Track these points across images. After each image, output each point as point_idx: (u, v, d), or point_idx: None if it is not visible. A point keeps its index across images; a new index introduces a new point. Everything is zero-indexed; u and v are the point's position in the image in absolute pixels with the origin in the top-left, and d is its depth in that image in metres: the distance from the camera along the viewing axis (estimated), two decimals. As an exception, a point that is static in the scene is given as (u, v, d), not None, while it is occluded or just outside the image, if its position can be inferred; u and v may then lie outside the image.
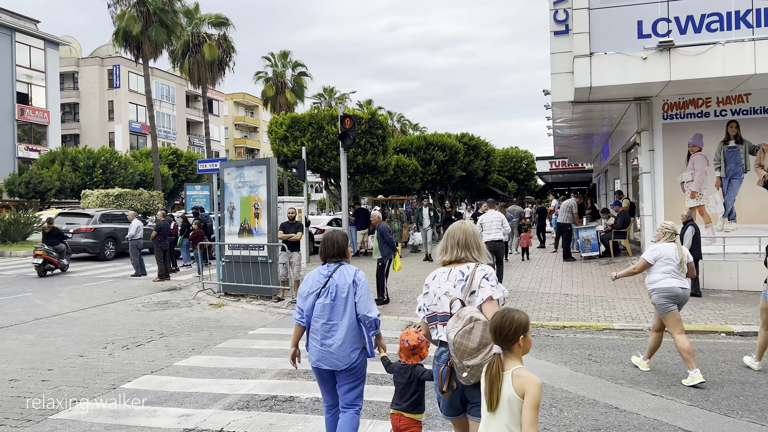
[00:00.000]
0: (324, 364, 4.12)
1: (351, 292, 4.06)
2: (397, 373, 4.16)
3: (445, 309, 3.41)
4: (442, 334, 3.39)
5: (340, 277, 4.11)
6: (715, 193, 13.66)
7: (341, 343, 4.04)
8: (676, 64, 12.17)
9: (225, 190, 12.11)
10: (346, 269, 4.16)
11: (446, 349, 3.32)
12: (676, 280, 6.56)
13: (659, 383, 6.27)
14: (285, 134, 18.49)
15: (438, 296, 3.47)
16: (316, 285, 4.17)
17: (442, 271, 3.56)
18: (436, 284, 3.52)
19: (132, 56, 33.65)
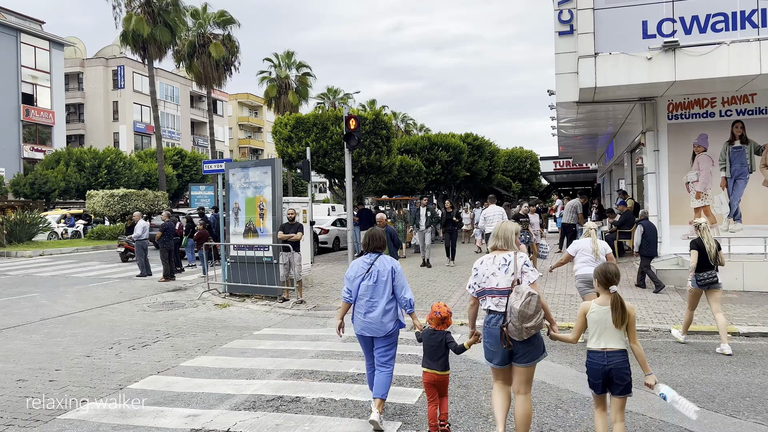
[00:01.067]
0: (366, 332, 5.25)
1: (389, 277, 5.16)
2: (428, 338, 5.00)
3: (492, 285, 4.48)
4: (490, 304, 4.48)
5: (381, 264, 5.22)
6: (721, 194, 13.64)
7: (380, 317, 5.13)
8: (681, 64, 12.15)
9: (230, 190, 12.14)
10: (385, 259, 5.28)
11: (494, 315, 4.45)
12: (590, 267, 7.60)
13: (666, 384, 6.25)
14: (289, 135, 18.51)
15: (486, 276, 4.53)
16: (361, 270, 5.26)
17: (488, 257, 4.61)
18: (484, 267, 4.58)
19: (138, 57, 33.75)
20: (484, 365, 7.06)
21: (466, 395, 5.95)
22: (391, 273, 5.18)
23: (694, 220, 8.68)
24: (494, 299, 4.46)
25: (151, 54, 32.37)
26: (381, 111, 19.02)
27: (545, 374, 6.69)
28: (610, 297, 4.30)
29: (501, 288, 4.45)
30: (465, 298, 11.34)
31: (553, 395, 5.94)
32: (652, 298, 11.02)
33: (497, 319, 4.41)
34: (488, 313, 4.52)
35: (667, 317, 9.48)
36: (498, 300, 4.44)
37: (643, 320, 9.27)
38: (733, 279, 11.75)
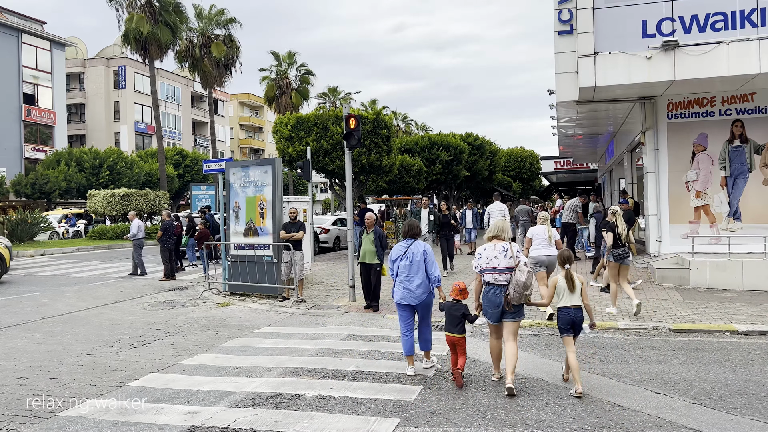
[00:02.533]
0: (404, 300, 6.59)
1: (422, 258, 6.55)
2: (450, 308, 6.39)
3: (494, 265, 6.07)
4: (489, 279, 6.08)
5: (415, 248, 6.64)
6: (720, 193, 13.66)
7: (415, 289, 6.53)
8: (680, 63, 12.18)
9: (230, 190, 12.17)
10: (419, 243, 6.70)
11: (492, 287, 6.06)
12: (542, 250, 9.50)
13: (663, 382, 6.28)
14: (290, 134, 18.55)
15: (489, 259, 6.11)
16: (399, 253, 6.67)
17: (489, 245, 6.22)
18: (488, 252, 6.16)
19: (139, 57, 33.81)
20: (481, 362, 7.09)
21: (464, 392, 5.97)
22: (423, 254, 6.59)
23: (610, 207, 10.44)
24: (494, 276, 6.07)
25: (152, 54, 32.41)
26: (381, 110, 19.07)
27: (542, 371, 6.71)
28: (565, 272, 6.17)
29: (501, 267, 6.06)
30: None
31: (551, 392, 5.96)
32: (651, 296, 11.03)
33: (494, 289, 6.07)
34: (486, 285, 6.14)
35: (666, 316, 9.49)
36: (497, 276, 6.06)
37: (642, 319, 9.28)
38: (733, 278, 11.78)
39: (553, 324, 9.12)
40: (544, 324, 9.13)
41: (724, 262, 12.00)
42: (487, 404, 5.61)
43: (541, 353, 7.55)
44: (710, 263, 11.97)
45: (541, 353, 7.55)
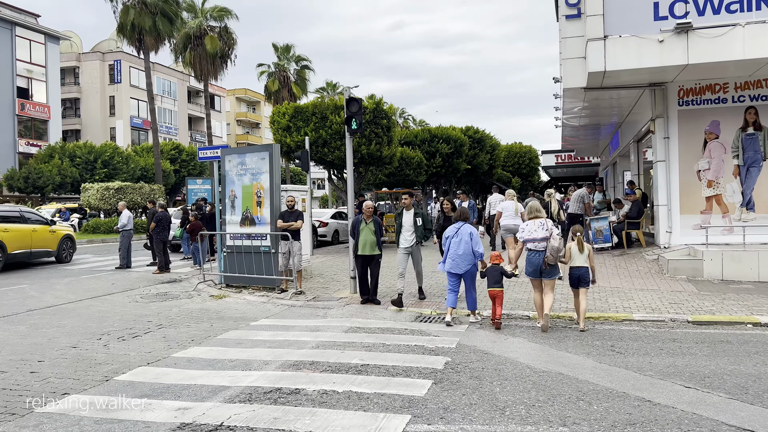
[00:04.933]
0: (454, 270, 8.20)
1: (469, 237, 8.18)
2: (490, 270, 8.30)
3: (535, 236, 7.92)
4: (530, 246, 7.95)
5: (464, 229, 8.27)
6: (733, 182, 13.22)
7: (462, 260, 8.15)
8: (694, 46, 11.72)
9: (226, 178, 11.68)
10: (467, 226, 8.34)
11: (533, 252, 7.94)
12: (510, 220, 11.99)
13: (691, 375, 5.84)
14: (288, 124, 18.04)
15: (530, 231, 8.00)
16: (452, 232, 8.32)
17: (531, 222, 8.11)
18: (530, 228, 8.05)
19: (134, 49, 33.23)
20: (494, 355, 6.64)
21: (479, 387, 5.51)
22: (470, 235, 8.24)
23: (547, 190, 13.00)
24: (534, 244, 7.98)
25: (147, 46, 31.81)
26: (381, 100, 18.54)
27: (560, 364, 6.26)
28: (577, 239, 8.09)
29: (539, 237, 7.95)
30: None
31: (573, 387, 5.50)
32: (665, 288, 10.59)
33: (534, 254, 7.96)
34: (528, 251, 8.05)
35: (683, 307, 9.05)
36: (536, 244, 7.95)
37: (658, 311, 8.85)
38: (748, 269, 11.34)
39: (567, 315, 8.67)
40: (556, 316, 8.68)
41: (740, 253, 11.55)
42: (505, 399, 5.15)
43: (556, 345, 7.10)
44: (725, 254, 11.52)
45: (556, 345, 7.10)
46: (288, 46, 44.08)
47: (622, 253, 14.34)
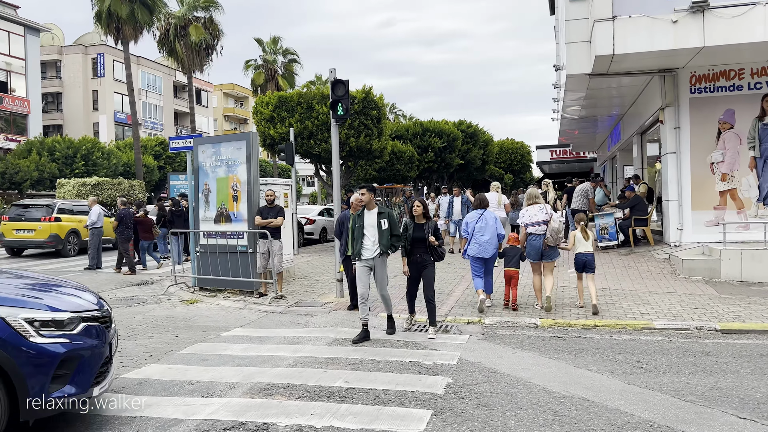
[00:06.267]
0: (479, 255, 8.30)
1: (493, 222, 8.38)
2: (509, 251, 8.65)
3: (535, 220, 8.34)
4: (531, 230, 8.39)
5: (487, 215, 8.44)
6: (749, 175, 12.31)
7: (487, 245, 8.29)
8: (710, 27, 10.78)
9: (200, 170, 10.60)
10: (489, 212, 8.56)
11: (533, 236, 8.38)
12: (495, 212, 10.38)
13: (741, 401, 4.86)
14: (271, 115, 16.95)
15: (531, 216, 8.41)
16: (476, 217, 8.42)
17: (531, 207, 8.49)
18: (530, 212, 8.44)
19: (111, 39, 31.92)
20: (503, 375, 5.62)
21: (488, 419, 4.51)
22: (494, 219, 8.46)
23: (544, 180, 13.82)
24: (534, 228, 8.34)
25: (126, 35, 30.49)
26: (371, 90, 17.47)
27: (584, 387, 5.26)
28: (580, 227, 8.45)
29: (539, 221, 8.31)
30: (468, 293, 9.91)
31: (603, 418, 4.51)
32: (682, 291, 9.64)
33: (535, 237, 8.34)
34: (529, 235, 8.39)
35: (707, 313, 8.10)
36: (537, 227, 8.33)
37: (680, 317, 7.89)
38: (770, 270, 10.40)
39: (579, 323, 7.69)
40: (567, 324, 7.71)
41: (760, 252, 10.62)
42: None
43: (574, 361, 6.10)
44: (744, 253, 10.58)
45: (574, 361, 6.10)
46: (275, 39, 42.90)
47: (630, 251, 13.39)
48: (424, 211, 7.36)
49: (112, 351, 4.66)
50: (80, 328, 4.21)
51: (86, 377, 4.18)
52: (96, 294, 4.97)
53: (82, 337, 4.19)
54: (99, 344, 4.34)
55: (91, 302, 4.62)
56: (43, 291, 4.63)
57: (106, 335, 4.50)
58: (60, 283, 5.17)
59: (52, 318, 4.11)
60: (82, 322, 4.25)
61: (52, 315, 4.13)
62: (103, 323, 4.51)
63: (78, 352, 4.12)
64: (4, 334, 3.87)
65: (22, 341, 3.91)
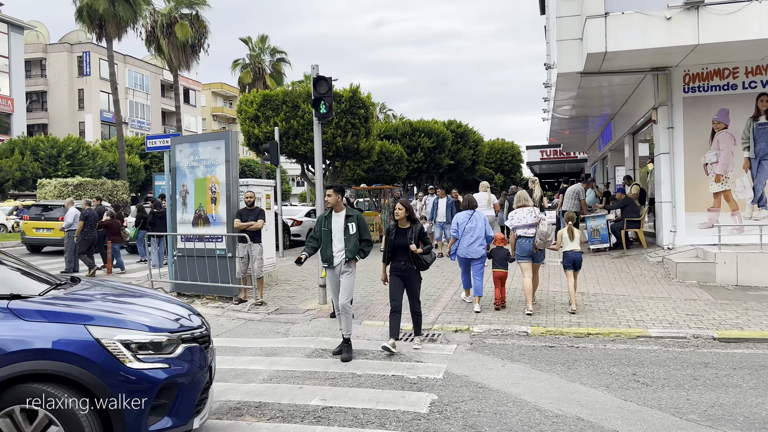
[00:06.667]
0: (467, 255, 8.48)
1: (483, 223, 8.48)
2: (496, 251, 8.60)
3: (524, 223, 8.39)
4: (520, 233, 8.41)
5: (477, 215, 8.57)
6: (743, 176, 12.02)
7: (476, 246, 8.43)
8: (705, 24, 10.48)
9: (177, 170, 10.18)
10: (479, 213, 8.69)
11: (522, 238, 8.40)
12: (483, 211, 10.25)
13: (746, 420, 4.54)
14: (256, 113, 16.51)
15: (519, 218, 8.46)
16: (465, 218, 8.54)
17: (520, 210, 8.55)
18: (519, 215, 8.50)
19: (94, 36, 31.31)
20: (492, 390, 5.26)
21: (475, 443, 4.14)
22: (483, 220, 8.54)
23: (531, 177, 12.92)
24: (524, 230, 8.38)
25: (109, 33, 29.88)
26: (358, 88, 17.07)
27: (578, 404, 4.91)
28: (567, 226, 8.55)
29: (528, 224, 8.37)
30: (454, 306, 9.55)
31: (600, 441, 4.15)
32: (676, 296, 9.34)
33: (524, 240, 8.37)
34: (518, 237, 8.42)
35: (704, 320, 7.79)
36: (526, 230, 8.37)
37: (677, 324, 7.58)
38: (766, 273, 10.12)
39: (571, 331, 7.35)
40: (559, 332, 7.37)
41: (756, 255, 10.34)
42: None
43: (567, 374, 5.75)
44: (739, 257, 10.30)
45: (567, 374, 5.75)
46: (263, 37, 42.39)
47: (622, 254, 13.08)
48: (407, 213, 6.70)
49: (212, 375, 4.15)
50: (180, 350, 3.74)
51: (187, 407, 3.73)
52: (190, 307, 4.45)
53: (182, 361, 3.71)
54: (199, 368, 3.86)
55: (189, 319, 4.12)
56: (134, 305, 4.12)
57: (206, 357, 4.00)
58: (148, 293, 4.66)
59: (151, 339, 3.64)
60: (181, 343, 3.77)
61: (150, 336, 3.65)
62: (202, 343, 4.02)
63: (178, 379, 3.65)
64: (100, 358, 3.43)
65: (119, 367, 3.46)
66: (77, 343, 3.44)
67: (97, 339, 3.47)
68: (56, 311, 3.62)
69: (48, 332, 3.44)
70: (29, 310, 3.56)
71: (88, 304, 3.89)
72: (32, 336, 3.41)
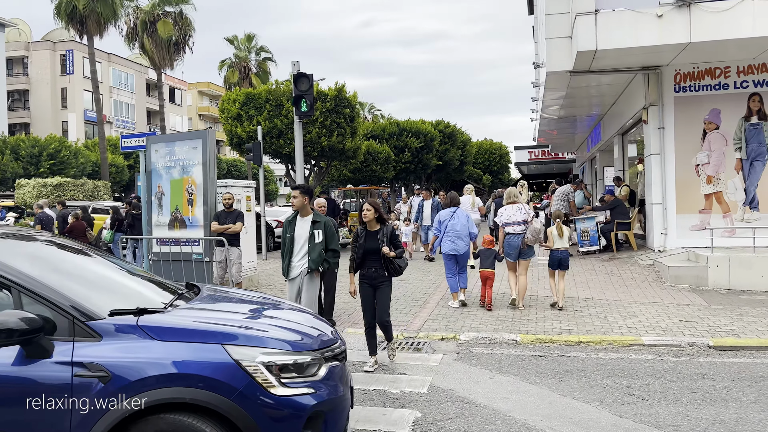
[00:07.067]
0: (452, 252, 8.57)
1: (467, 221, 8.70)
2: (484, 252, 8.68)
3: (513, 220, 8.50)
4: (509, 229, 8.53)
5: (459, 213, 8.77)
6: (735, 178, 11.83)
7: (459, 242, 8.58)
8: (697, 22, 10.25)
9: (153, 171, 9.77)
10: (461, 210, 8.91)
11: (511, 235, 8.50)
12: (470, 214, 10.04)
13: (751, 439, 4.23)
14: (238, 112, 16.12)
15: (509, 215, 8.56)
16: (448, 215, 8.71)
17: (509, 207, 8.64)
18: (508, 212, 8.59)
19: (75, 33, 30.71)
20: (479, 406, 4.93)
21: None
22: (466, 218, 8.70)
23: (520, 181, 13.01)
24: (513, 227, 8.47)
25: (90, 30, 29.32)
26: (344, 87, 16.73)
27: (571, 422, 4.60)
28: (556, 224, 8.65)
29: (518, 221, 8.46)
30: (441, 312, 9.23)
31: (595, 466, 3.84)
32: (669, 301, 9.09)
33: (513, 237, 8.45)
34: (507, 234, 8.53)
35: (698, 327, 7.53)
36: (515, 227, 8.46)
37: (671, 332, 7.31)
38: (759, 277, 9.92)
39: (561, 339, 7.05)
40: (549, 340, 7.07)
41: (749, 258, 10.11)
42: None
43: (558, 387, 5.44)
44: (732, 260, 10.07)
45: (558, 387, 5.44)
46: (250, 36, 41.91)
47: (612, 257, 12.84)
48: (377, 215, 6.05)
49: (353, 396, 3.66)
50: (324, 371, 3.25)
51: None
52: (320, 316, 3.97)
53: (327, 384, 3.23)
54: (344, 391, 3.40)
55: (327, 332, 3.64)
56: (268, 317, 3.64)
57: (348, 376, 3.55)
58: (275, 301, 4.12)
59: (294, 360, 3.13)
60: (324, 362, 3.29)
61: (294, 357, 3.14)
62: (342, 360, 3.56)
63: (324, 405, 3.16)
64: (241, 384, 2.94)
65: (263, 394, 2.97)
66: (215, 366, 2.95)
67: (236, 361, 2.99)
68: (189, 328, 3.15)
69: (183, 354, 2.98)
70: (161, 327, 3.10)
71: (220, 318, 3.41)
72: (166, 358, 2.95)
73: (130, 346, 2.98)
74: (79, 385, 2.85)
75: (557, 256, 8.49)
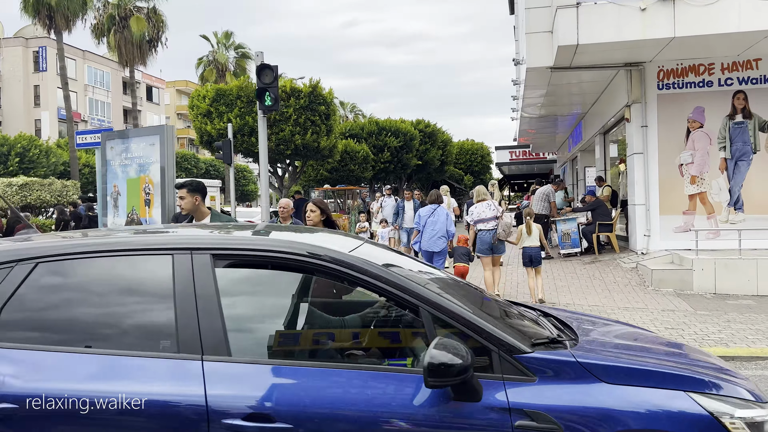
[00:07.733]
0: (428, 249, 8.83)
1: (445, 218, 8.84)
2: (458, 249, 9.03)
3: (484, 217, 8.89)
4: (481, 226, 8.94)
5: (439, 210, 8.93)
6: (719, 178, 11.49)
7: (437, 240, 8.77)
8: (681, 16, 9.88)
9: (108, 169, 9.16)
10: (442, 208, 9.03)
11: (484, 231, 8.90)
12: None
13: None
14: (208, 109, 15.51)
15: (479, 213, 8.99)
16: (428, 212, 8.91)
17: (480, 204, 9.09)
18: (478, 210, 9.02)
19: (44, 27, 29.76)
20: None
21: None
22: (445, 216, 8.86)
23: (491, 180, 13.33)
24: (484, 224, 8.95)
25: (58, 25, 28.42)
26: (318, 83, 16.18)
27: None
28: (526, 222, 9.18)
29: (489, 217, 8.92)
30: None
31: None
32: (653, 306, 8.70)
33: (485, 233, 8.92)
34: (479, 231, 9.04)
35: (685, 334, 7.13)
36: (486, 224, 8.93)
37: (657, 340, 6.86)
38: (745, 280, 9.55)
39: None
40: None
41: (735, 261, 9.76)
42: None
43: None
44: (717, 263, 9.71)
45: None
46: (228, 33, 41.15)
47: (594, 259, 12.44)
48: (323, 217, 5.51)
49: None
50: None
51: None
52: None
53: None
54: None
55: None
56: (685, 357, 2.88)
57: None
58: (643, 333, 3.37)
59: (763, 417, 2.43)
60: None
61: (755, 412, 2.44)
62: None
63: None
64: None
65: None
66: (690, 420, 2.32)
67: (712, 414, 2.34)
68: (643, 369, 2.49)
69: (646, 402, 2.34)
70: (605, 366, 2.44)
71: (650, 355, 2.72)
72: (625, 407, 2.32)
73: (574, 389, 2.35)
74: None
75: (528, 252, 8.92)
